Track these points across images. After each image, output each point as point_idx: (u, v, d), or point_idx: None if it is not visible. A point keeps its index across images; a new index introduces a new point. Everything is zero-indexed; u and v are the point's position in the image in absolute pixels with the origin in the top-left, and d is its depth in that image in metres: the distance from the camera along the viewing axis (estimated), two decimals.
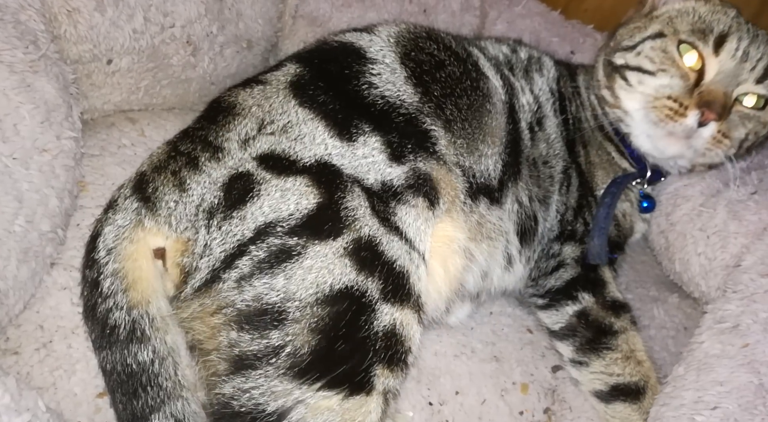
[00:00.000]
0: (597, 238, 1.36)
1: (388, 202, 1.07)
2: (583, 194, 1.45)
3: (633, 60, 1.37)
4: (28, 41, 1.14)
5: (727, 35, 1.29)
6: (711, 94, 1.27)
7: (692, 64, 1.31)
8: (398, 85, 1.20)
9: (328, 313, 0.95)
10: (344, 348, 0.94)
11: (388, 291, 1.00)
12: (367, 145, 1.10)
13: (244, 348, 0.94)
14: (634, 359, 1.27)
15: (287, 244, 0.98)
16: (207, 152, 1.07)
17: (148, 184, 1.07)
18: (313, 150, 1.07)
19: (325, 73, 1.19)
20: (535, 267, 1.40)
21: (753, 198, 1.36)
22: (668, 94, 1.31)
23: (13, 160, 1.06)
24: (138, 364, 1.00)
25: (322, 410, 0.92)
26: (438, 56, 1.28)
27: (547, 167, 1.40)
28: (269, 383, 0.92)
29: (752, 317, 1.14)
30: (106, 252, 1.04)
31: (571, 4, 2.10)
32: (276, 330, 0.94)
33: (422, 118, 1.19)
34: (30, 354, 1.07)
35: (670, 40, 1.33)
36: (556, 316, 1.35)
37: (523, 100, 1.40)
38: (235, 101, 1.14)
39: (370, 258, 1.00)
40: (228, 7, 1.54)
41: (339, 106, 1.13)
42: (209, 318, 0.99)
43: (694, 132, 1.29)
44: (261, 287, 0.96)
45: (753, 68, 1.29)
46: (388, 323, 0.99)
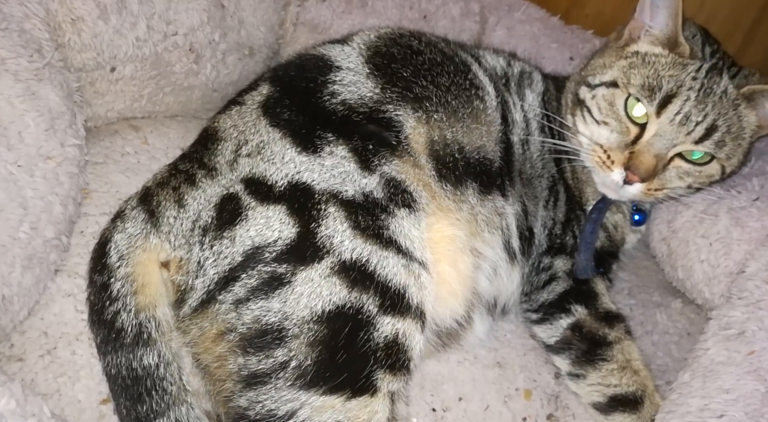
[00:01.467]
0: (583, 253, 1.37)
1: (378, 216, 1.08)
2: (572, 208, 1.45)
3: (589, 101, 1.38)
4: (33, 50, 1.15)
5: (673, 96, 1.27)
6: (639, 158, 1.27)
7: (639, 115, 1.30)
8: (359, 84, 1.22)
9: (325, 329, 0.98)
10: (345, 359, 0.97)
11: (386, 306, 1.02)
12: (334, 155, 1.11)
13: (253, 369, 0.98)
14: (630, 368, 1.27)
15: (277, 272, 1.01)
16: (203, 170, 1.12)
17: (153, 198, 1.11)
18: (284, 170, 1.09)
19: (292, 89, 1.22)
20: (527, 282, 1.40)
21: (755, 204, 1.35)
22: (603, 144, 1.33)
23: (17, 168, 1.06)
24: (143, 368, 1.01)
25: (327, 409, 0.95)
26: (414, 46, 1.31)
27: (531, 187, 1.41)
28: (279, 393, 0.96)
29: (758, 324, 1.13)
30: (118, 257, 1.06)
31: (571, 10, 2.10)
32: (279, 348, 0.97)
33: (383, 107, 1.20)
34: (34, 360, 1.07)
35: (620, 93, 1.32)
36: (551, 330, 1.35)
37: (516, 117, 1.41)
38: (217, 126, 1.19)
39: (360, 278, 1.02)
40: (230, 15, 1.55)
41: (303, 120, 1.15)
42: (212, 345, 1.02)
43: (620, 187, 1.31)
44: (258, 310, 0.99)
45: (690, 132, 1.27)
46: (389, 333, 1.01)
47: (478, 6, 1.96)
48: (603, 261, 1.44)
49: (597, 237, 1.41)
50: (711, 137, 1.28)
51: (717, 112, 1.28)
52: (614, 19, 2.07)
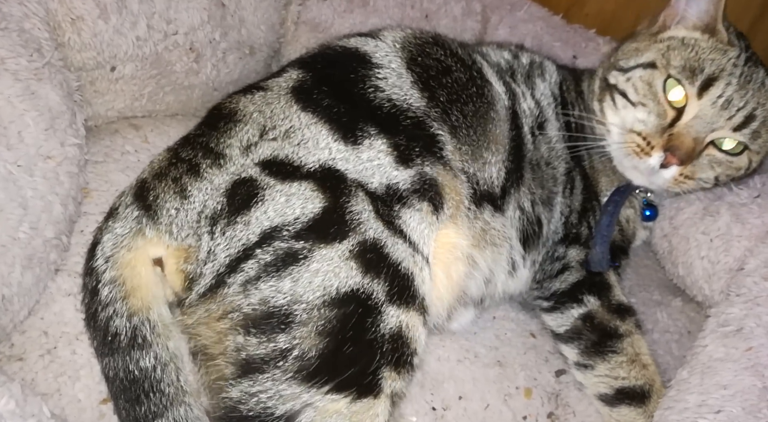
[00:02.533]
0: (599, 246, 1.36)
1: (392, 206, 1.07)
2: (588, 198, 1.45)
3: (623, 84, 1.37)
4: (33, 49, 1.15)
5: (715, 79, 1.28)
6: (679, 139, 1.27)
7: (677, 99, 1.30)
8: (405, 89, 1.20)
9: (335, 316, 0.95)
10: (352, 351, 0.94)
11: (393, 294, 1.00)
12: (373, 148, 1.10)
13: (251, 352, 0.94)
14: (639, 362, 1.27)
15: (293, 248, 0.97)
16: (208, 159, 1.07)
17: (149, 192, 1.06)
18: (317, 155, 1.06)
19: (329, 77, 1.19)
20: (539, 269, 1.40)
21: (756, 201, 1.36)
22: (640, 130, 1.33)
23: (17, 167, 1.06)
24: (140, 371, 1.00)
25: (331, 413, 0.91)
26: (444, 62, 1.28)
27: (550, 168, 1.40)
28: (277, 386, 0.91)
29: (756, 320, 1.13)
30: (104, 260, 1.04)
31: (572, 9, 2.10)
32: (283, 334, 0.93)
33: (429, 122, 1.18)
34: (34, 360, 1.07)
35: (659, 73, 1.32)
36: (561, 319, 1.35)
37: (525, 106, 1.40)
38: (236, 107, 1.14)
39: (376, 261, 1.00)
40: (231, 14, 1.55)
41: (344, 109, 1.12)
42: (215, 323, 0.98)
43: (656, 172, 1.31)
44: (267, 290, 0.96)
45: (731, 117, 1.27)
46: (394, 325, 0.99)
47: (479, 5, 1.96)
48: (614, 255, 1.43)
49: (613, 230, 1.41)
50: (749, 126, 1.28)
51: (756, 101, 1.28)
52: (615, 17, 2.07)
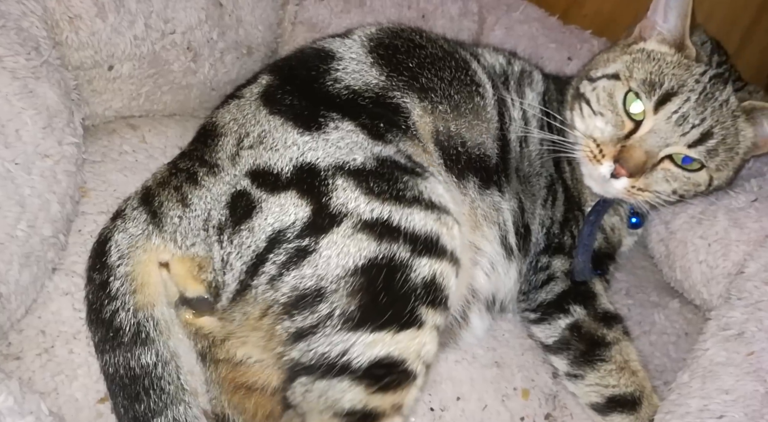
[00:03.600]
0: (581, 255, 1.36)
1: (398, 178, 1.08)
2: (570, 208, 1.45)
3: (589, 93, 1.38)
4: (31, 47, 1.14)
5: (673, 94, 1.27)
6: (630, 152, 1.27)
7: (637, 112, 1.30)
8: (363, 72, 1.23)
9: (362, 279, 1.00)
10: (387, 300, 1.00)
11: (420, 250, 1.04)
12: (340, 129, 1.12)
13: (300, 324, 1.00)
14: (628, 369, 1.27)
15: (302, 245, 1.02)
16: (204, 168, 1.12)
17: (154, 198, 1.11)
18: (287, 155, 1.09)
19: (293, 78, 1.23)
20: (525, 281, 1.41)
21: (753, 205, 1.36)
22: (596, 137, 1.33)
23: (15, 166, 1.06)
24: (141, 367, 1.01)
25: (377, 343, 0.99)
26: (416, 41, 1.32)
27: (529, 185, 1.41)
28: (329, 339, 0.99)
29: (757, 325, 1.13)
30: (118, 256, 1.07)
31: (569, 10, 2.11)
32: (322, 303, 0.99)
33: (390, 93, 1.22)
34: (32, 359, 1.07)
35: (621, 85, 1.32)
36: (549, 330, 1.35)
37: (514, 114, 1.42)
38: (216, 121, 1.19)
39: (387, 231, 1.04)
40: (228, 14, 1.55)
41: (305, 104, 1.16)
42: (259, 322, 1.03)
43: (606, 180, 1.31)
44: (293, 280, 1.01)
45: (685, 133, 1.26)
46: (427, 274, 1.04)
47: (476, 5, 1.96)
48: (600, 262, 1.44)
49: (595, 240, 1.41)
50: (705, 143, 1.27)
51: (715, 119, 1.27)
52: (612, 18, 2.08)
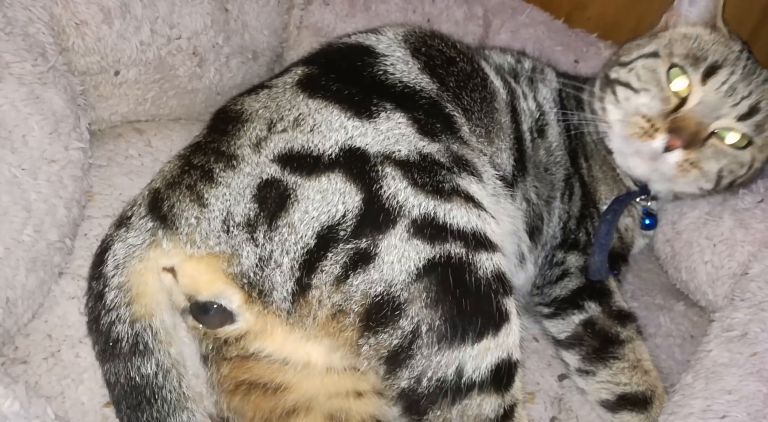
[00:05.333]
0: (598, 255, 1.36)
1: (437, 172, 1.05)
2: (586, 204, 1.45)
3: (624, 76, 1.37)
4: (37, 53, 1.15)
5: (719, 67, 1.28)
6: (684, 121, 1.27)
7: (680, 88, 1.30)
8: (414, 74, 1.20)
9: (430, 285, 0.97)
10: (471, 303, 0.97)
11: (473, 245, 1.01)
12: (391, 119, 1.08)
13: (388, 346, 0.97)
14: (641, 368, 1.26)
15: (360, 247, 0.98)
16: (221, 162, 1.05)
17: (164, 202, 1.05)
18: (333, 137, 1.04)
19: (336, 68, 1.19)
20: (539, 275, 1.40)
21: (759, 206, 1.36)
22: (644, 113, 1.32)
23: (22, 171, 1.06)
24: (141, 377, 1.00)
25: (484, 352, 0.97)
26: (447, 53, 1.29)
27: (548, 174, 1.41)
28: (433, 360, 0.95)
29: (761, 325, 1.13)
30: (113, 266, 1.03)
31: (574, 13, 2.11)
32: (401, 318, 0.96)
33: (443, 103, 1.19)
34: (38, 363, 1.07)
35: (662, 62, 1.33)
36: (562, 325, 1.35)
37: (524, 106, 1.41)
38: (242, 108, 1.13)
39: (436, 231, 1.00)
40: (233, 19, 1.55)
41: (355, 90, 1.11)
42: (339, 334, 1.00)
43: (659, 155, 1.29)
44: (362, 284, 0.97)
45: (736, 104, 1.27)
46: (492, 267, 1.01)
47: (481, 9, 1.96)
48: (614, 262, 1.43)
49: (611, 239, 1.40)
50: (753, 117, 1.28)
51: (760, 93, 1.28)
52: (617, 21, 2.08)
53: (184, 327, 1.14)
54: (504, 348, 0.98)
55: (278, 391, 1.08)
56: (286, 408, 1.08)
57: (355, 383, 1.11)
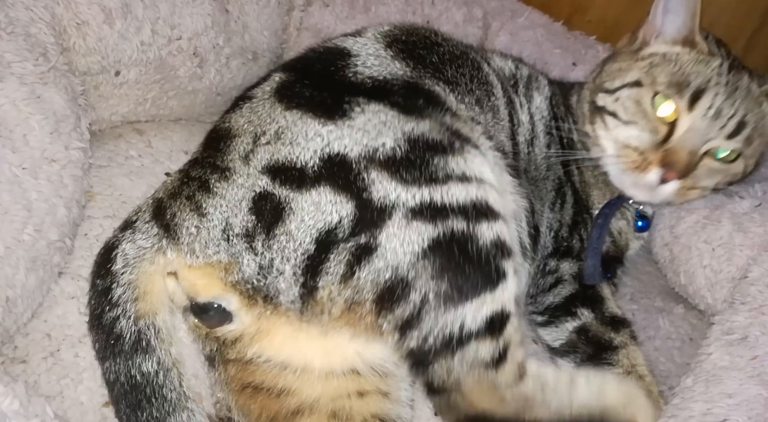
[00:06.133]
0: (590, 259, 1.36)
1: (430, 161, 1.06)
2: (578, 211, 1.45)
3: (611, 105, 1.37)
4: (38, 53, 1.15)
5: (703, 91, 1.28)
6: (676, 154, 1.27)
7: (667, 114, 1.30)
8: (385, 65, 1.21)
9: (435, 260, 1.00)
10: (471, 268, 1.01)
11: (474, 217, 1.04)
12: (366, 111, 1.09)
13: (401, 317, 1.00)
14: (635, 374, 1.26)
15: (360, 243, 1.00)
16: (215, 174, 1.08)
17: (166, 210, 1.07)
18: (311, 147, 1.05)
19: (309, 73, 1.20)
20: (533, 284, 1.40)
21: (758, 210, 1.36)
22: (635, 146, 1.33)
23: (22, 170, 1.07)
24: (142, 375, 1.00)
25: (482, 305, 1.01)
26: (432, 39, 1.32)
27: (536, 189, 1.41)
28: (439, 321, 0.99)
29: (761, 329, 1.13)
30: (123, 264, 1.04)
31: (574, 16, 2.11)
32: (411, 293, 0.99)
33: (420, 82, 1.20)
34: (37, 362, 1.07)
35: (646, 91, 1.32)
36: (556, 333, 1.35)
37: (522, 118, 1.42)
38: (229, 126, 1.15)
39: (436, 212, 1.02)
40: (234, 20, 1.56)
41: (326, 94, 1.13)
42: (358, 322, 1.03)
43: (656, 187, 1.31)
44: (370, 275, 1.00)
45: (723, 126, 1.27)
46: (492, 236, 1.04)
47: (481, 11, 1.96)
48: (608, 266, 1.44)
49: (604, 243, 1.41)
50: (742, 133, 1.29)
51: (745, 107, 1.29)
52: (616, 24, 2.08)
53: (183, 329, 1.14)
54: (499, 302, 1.03)
55: (281, 395, 1.09)
56: (291, 409, 1.09)
57: (356, 384, 1.12)
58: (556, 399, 1.04)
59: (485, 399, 1.03)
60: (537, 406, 1.04)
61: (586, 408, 1.05)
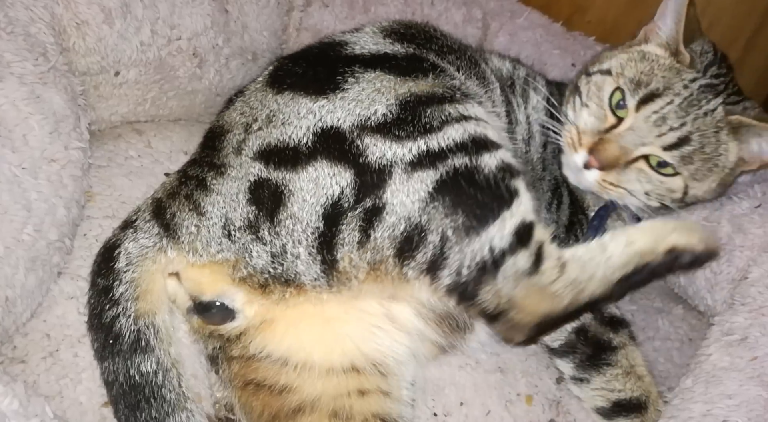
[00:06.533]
0: None
1: (423, 114, 1.07)
2: (575, 212, 1.45)
3: (583, 86, 1.39)
4: (38, 53, 1.15)
5: (657, 95, 1.28)
6: (606, 144, 1.29)
7: (620, 111, 1.31)
8: (383, 46, 1.23)
9: (445, 199, 1.01)
10: (483, 194, 1.02)
11: (475, 151, 1.05)
12: (362, 81, 1.10)
13: (425, 260, 1.01)
14: (634, 374, 1.26)
15: (367, 206, 1.01)
16: (212, 172, 1.09)
17: (166, 210, 1.08)
18: (303, 124, 1.06)
19: (305, 56, 1.22)
20: None
21: (757, 211, 1.36)
22: (580, 126, 1.35)
23: (22, 170, 1.07)
24: (141, 375, 1.01)
25: (504, 222, 1.02)
26: (430, 32, 1.33)
27: (533, 189, 1.41)
28: (466, 251, 1.00)
29: (761, 330, 1.13)
30: (126, 263, 1.05)
31: (573, 16, 2.11)
32: (429, 235, 1.00)
33: (424, 55, 1.21)
34: (36, 362, 1.07)
35: (611, 81, 1.33)
36: (555, 333, 1.34)
37: (520, 117, 1.42)
38: (222, 123, 1.17)
39: (435, 157, 1.03)
40: (233, 20, 1.56)
41: (319, 69, 1.14)
42: (385, 276, 1.03)
43: (579, 170, 1.33)
44: (385, 232, 1.01)
45: (662, 135, 1.26)
46: (496, 162, 1.06)
47: (480, 12, 1.97)
48: None
49: None
50: (681, 149, 1.27)
51: (695, 127, 1.27)
52: (616, 25, 2.08)
53: (183, 329, 1.14)
54: (519, 216, 1.04)
55: (283, 392, 1.09)
56: (292, 407, 1.09)
57: (357, 383, 1.12)
58: (600, 269, 1.05)
59: (541, 303, 1.04)
60: (585, 284, 1.05)
61: (625, 263, 1.06)
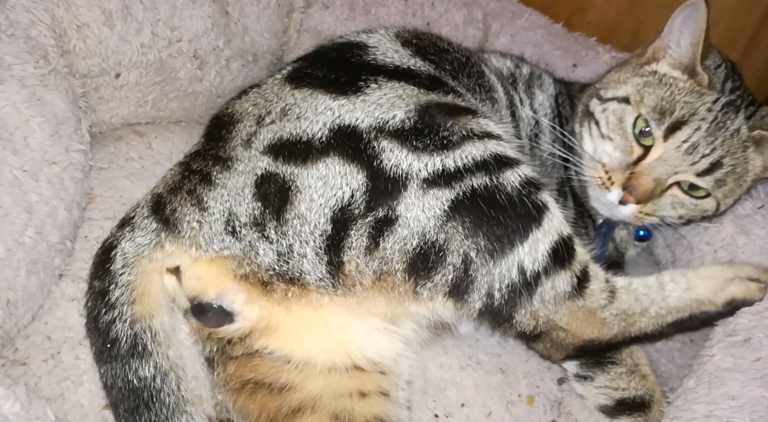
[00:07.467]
0: None
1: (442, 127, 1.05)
2: (580, 213, 1.45)
3: (598, 114, 1.36)
4: (39, 56, 1.15)
5: (684, 123, 1.25)
6: (639, 179, 1.26)
7: (645, 138, 1.28)
8: (406, 58, 1.21)
9: (464, 219, 0.99)
10: (507, 214, 1.00)
11: (496, 169, 1.03)
12: (383, 87, 1.08)
13: (446, 282, 0.99)
14: (638, 373, 1.26)
15: (379, 216, 0.99)
16: (218, 165, 1.07)
17: (166, 206, 1.07)
18: (320, 120, 1.04)
19: (324, 59, 1.20)
20: None
21: (760, 212, 1.36)
22: (605, 162, 1.32)
23: (23, 172, 1.07)
24: (139, 380, 1.00)
25: (537, 243, 1.00)
26: (440, 45, 1.31)
27: None
28: (494, 274, 0.99)
29: (764, 331, 1.13)
30: (122, 264, 1.04)
31: (574, 17, 2.11)
32: (447, 256, 0.98)
33: (443, 78, 1.19)
34: (38, 365, 1.07)
35: (630, 110, 1.30)
36: None
37: (523, 114, 1.41)
38: (232, 111, 1.15)
39: (451, 176, 1.01)
40: (234, 22, 1.56)
41: (341, 73, 1.12)
42: (392, 290, 1.02)
43: (615, 206, 1.31)
44: (396, 245, 0.99)
45: (695, 163, 1.25)
46: (519, 178, 1.04)
47: (481, 13, 1.97)
48: (615, 265, 1.43)
49: (607, 251, 1.41)
50: (714, 173, 1.26)
51: (725, 149, 1.26)
52: (616, 26, 2.08)
53: (184, 330, 1.14)
54: (552, 232, 1.02)
55: (283, 391, 1.08)
56: (292, 407, 1.08)
57: (358, 383, 1.12)
58: (654, 306, 1.03)
59: (588, 328, 1.02)
60: (637, 317, 1.03)
61: (682, 307, 1.05)
